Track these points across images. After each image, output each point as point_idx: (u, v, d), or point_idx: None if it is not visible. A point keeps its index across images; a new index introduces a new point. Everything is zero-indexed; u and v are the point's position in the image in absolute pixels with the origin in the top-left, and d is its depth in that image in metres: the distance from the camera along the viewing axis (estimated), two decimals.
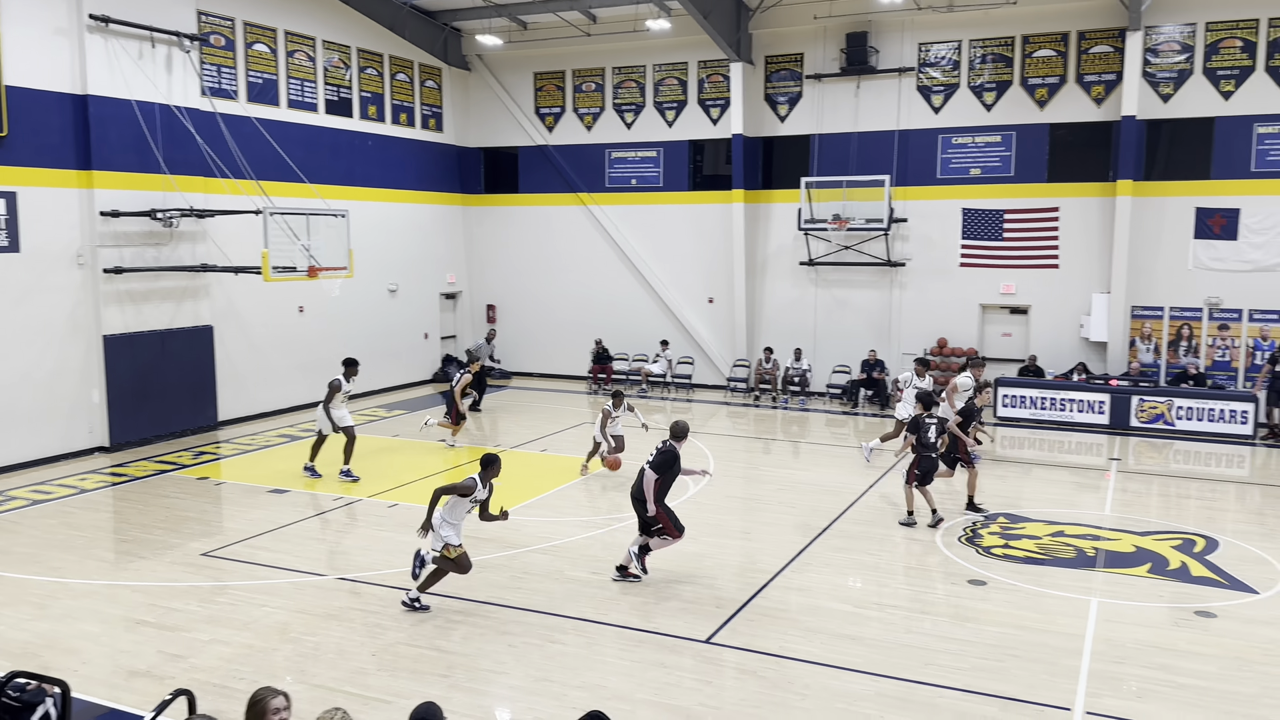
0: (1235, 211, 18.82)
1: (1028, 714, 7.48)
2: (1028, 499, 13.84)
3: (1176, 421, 18.16)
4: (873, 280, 21.95)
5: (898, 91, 21.29)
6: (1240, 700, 7.70)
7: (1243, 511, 13.47)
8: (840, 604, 9.79)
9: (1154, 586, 10.28)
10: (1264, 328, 18.79)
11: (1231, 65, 18.65)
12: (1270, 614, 9.51)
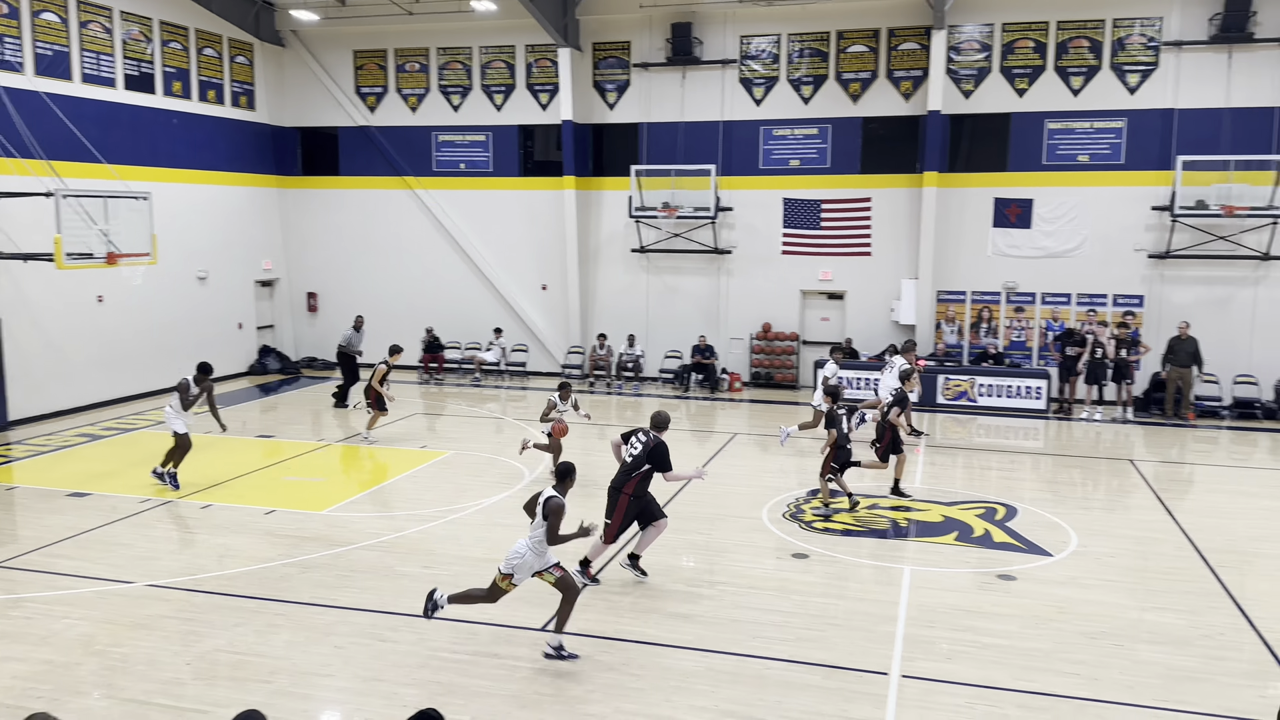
0: (1029, 202, 20.29)
1: (849, 679, 7.86)
2: (846, 475, 14.48)
3: (978, 398, 19.47)
4: (702, 267, 22.43)
5: (721, 83, 21.78)
6: (1037, 656, 8.34)
7: (1038, 481, 14.58)
8: (674, 584, 9.97)
9: (960, 553, 10.99)
10: (1055, 310, 20.38)
11: (1025, 64, 20.07)
12: (1063, 574, 10.35)
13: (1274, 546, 11.31)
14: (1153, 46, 19.33)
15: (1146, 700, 7.53)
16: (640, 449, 9.86)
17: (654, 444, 9.83)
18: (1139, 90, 19.48)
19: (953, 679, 7.91)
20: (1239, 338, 19.24)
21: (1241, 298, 19.35)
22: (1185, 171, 18.70)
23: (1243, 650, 8.49)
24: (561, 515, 8.00)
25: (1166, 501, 13.16)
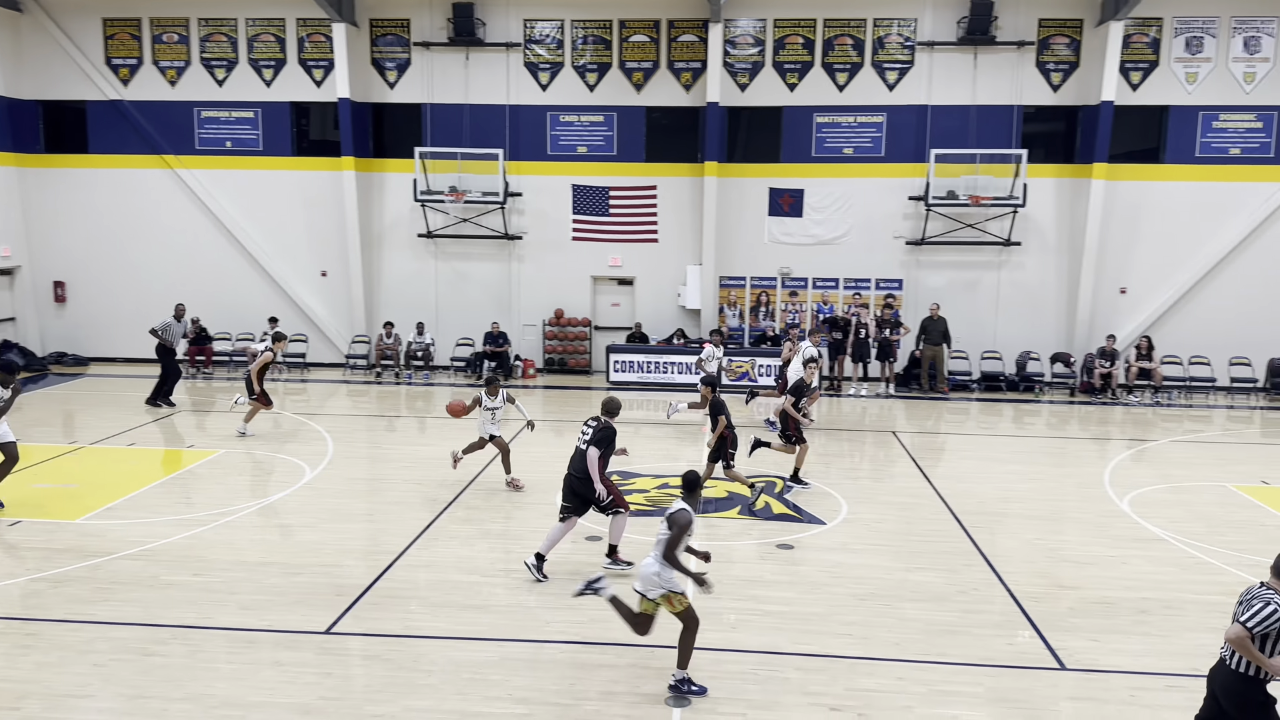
0: (800, 192, 21.36)
1: (639, 655, 8.02)
2: (637, 456, 14.77)
3: (759, 378, 20.35)
4: (492, 253, 22.17)
5: (507, 66, 21.57)
6: (814, 620, 8.83)
7: (814, 454, 15.38)
8: (467, 575, 9.83)
9: (744, 526, 11.47)
10: (825, 294, 21.59)
11: (795, 60, 21.07)
12: (835, 541, 11.00)
13: (1019, 507, 12.49)
14: (909, 46, 20.78)
15: (911, 655, 8.14)
16: (590, 433, 9.88)
17: (603, 426, 9.88)
18: (897, 87, 20.90)
19: (738, 647, 8.24)
20: (985, 317, 21.10)
21: (987, 280, 21.22)
22: (937, 164, 20.27)
23: (993, 604, 9.32)
24: (686, 530, 7.46)
25: (925, 469, 14.26)
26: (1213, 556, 10.62)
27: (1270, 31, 19.91)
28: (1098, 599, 9.40)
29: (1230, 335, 20.49)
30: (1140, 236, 20.64)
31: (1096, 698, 7.48)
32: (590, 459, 9.74)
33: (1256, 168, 20.22)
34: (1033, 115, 20.84)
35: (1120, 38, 19.64)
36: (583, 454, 9.84)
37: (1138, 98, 20.32)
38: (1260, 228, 20.28)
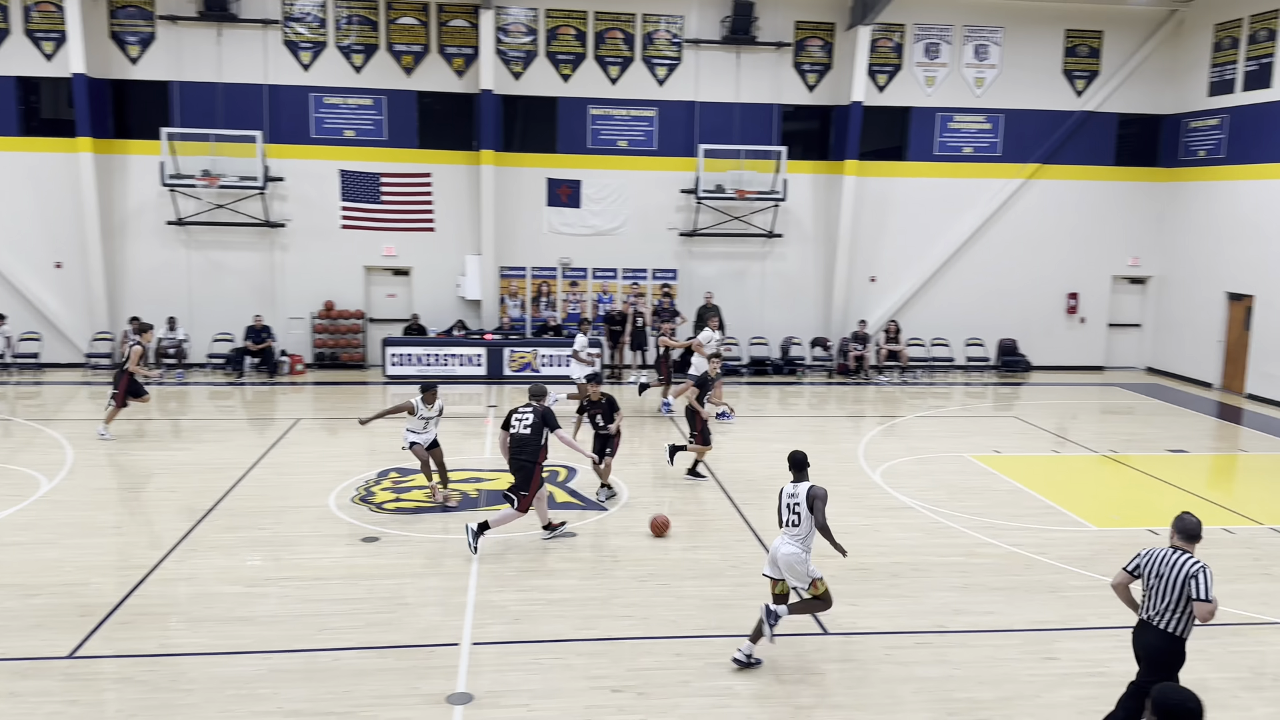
0: (578, 183, 21.53)
1: (420, 657, 7.85)
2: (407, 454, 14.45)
3: (541, 368, 20.39)
4: (252, 241, 20.91)
5: (264, 44, 20.37)
6: (596, 604, 8.95)
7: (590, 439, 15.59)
8: (231, 586, 9.26)
9: (527, 517, 11.42)
10: (604, 284, 21.90)
11: (568, 51, 21.17)
12: (615, 526, 11.21)
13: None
14: (676, 43, 21.38)
15: (688, 630, 8.42)
16: (532, 417, 10.18)
17: (543, 409, 10.27)
18: (667, 82, 21.46)
19: (523, 638, 8.23)
20: (752, 305, 22.10)
21: (753, 270, 22.23)
22: (706, 159, 21.00)
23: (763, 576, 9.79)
24: (827, 500, 7.77)
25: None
26: (954, 521, 11.64)
27: (997, 40, 21.97)
28: (855, 565, 10.06)
29: (966, 318, 22.53)
30: (888, 229, 22.26)
31: (855, 658, 8.03)
32: (562, 436, 10.44)
33: (987, 165, 22.29)
34: (791, 114, 21.99)
35: (868, 42, 21.07)
36: (525, 439, 10.14)
37: (884, 99, 21.88)
38: (990, 221, 22.38)
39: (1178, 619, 6.13)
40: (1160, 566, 6.22)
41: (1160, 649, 6.21)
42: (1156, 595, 6.22)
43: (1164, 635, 6.20)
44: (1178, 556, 6.19)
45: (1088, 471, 14.11)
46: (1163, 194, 22.57)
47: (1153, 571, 6.26)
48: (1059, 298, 22.81)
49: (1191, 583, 6.04)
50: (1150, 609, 6.28)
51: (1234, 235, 20.38)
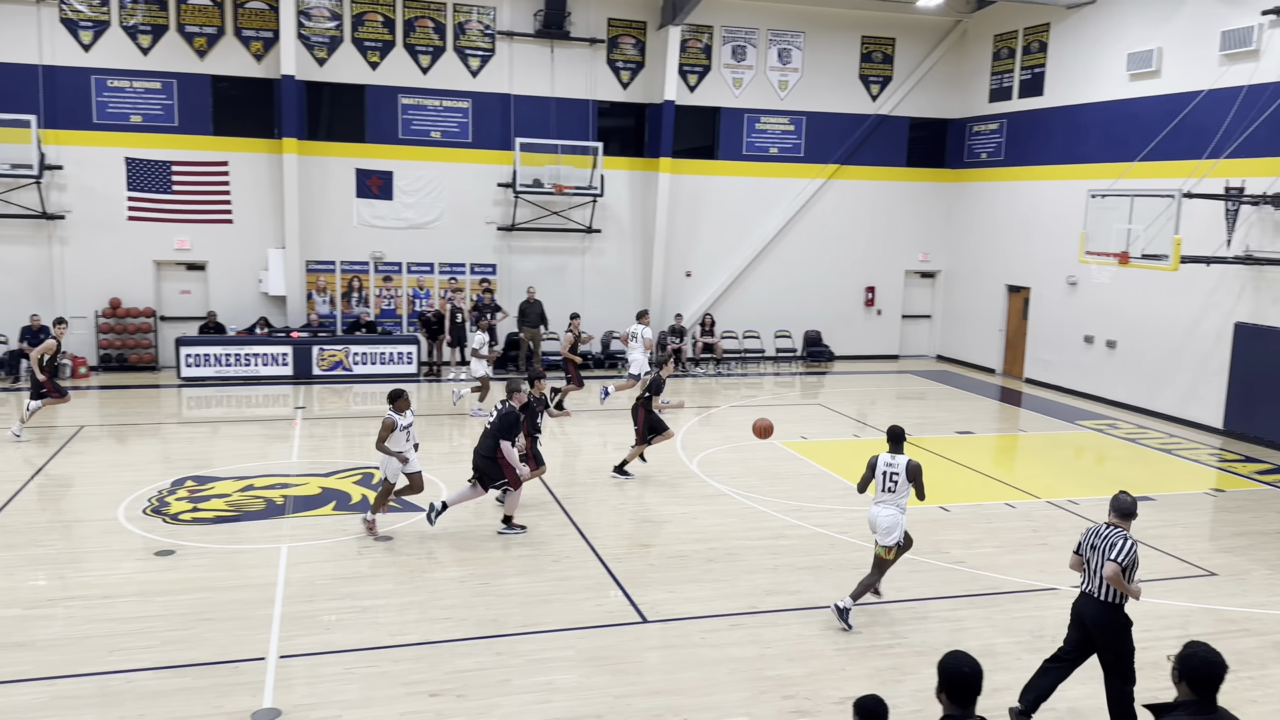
0: (389, 174, 20.92)
1: (223, 674, 7.44)
2: (218, 457, 13.69)
3: (354, 367, 19.72)
4: (27, 234, 19.15)
5: (38, 21, 18.69)
6: (414, 609, 8.75)
7: (423, 439, 15.20)
8: (7, 609, 8.46)
9: (339, 522, 11.05)
10: (420, 279, 21.39)
11: (376, 38, 20.52)
12: (436, 528, 10.92)
13: (605, 477, 13.28)
14: (489, 34, 21.12)
15: (510, 629, 8.36)
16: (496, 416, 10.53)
17: (505, 410, 10.54)
18: (480, 74, 21.17)
19: (336, 648, 7.93)
20: (573, 300, 22.15)
21: (573, 265, 22.30)
22: (523, 153, 20.88)
23: (586, 569, 9.85)
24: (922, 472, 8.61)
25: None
26: (765, 506, 12.09)
27: (799, 45, 22.92)
28: (674, 553, 10.30)
29: (775, 311, 23.44)
30: (701, 225, 22.85)
31: (674, 644, 8.20)
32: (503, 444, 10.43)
33: (791, 165, 23.24)
34: (607, 110, 22.18)
35: (678, 42, 21.52)
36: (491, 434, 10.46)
37: (695, 99, 22.42)
38: (795, 218, 23.36)
39: (1111, 587, 6.58)
40: (1095, 540, 6.70)
41: (1104, 618, 6.64)
42: (1093, 567, 6.68)
43: (1103, 605, 6.64)
44: (1110, 531, 6.67)
45: None
46: (949, 194, 24.23)
47: (1089, 546, 6.73)
48: (858, 291, 24.08)
49: (1103, 545, 6.57)
50: (1089, 582, 6.73)
51: (1012, 232, 22.12)
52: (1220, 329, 16.88)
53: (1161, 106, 17.84)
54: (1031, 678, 6.98)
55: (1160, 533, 11.59)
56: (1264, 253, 15.82)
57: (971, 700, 4.08)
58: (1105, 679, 6.73)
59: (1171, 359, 17.83)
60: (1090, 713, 7.17)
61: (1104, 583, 6.58)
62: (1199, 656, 4.10)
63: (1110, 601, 6.63)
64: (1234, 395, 16.62)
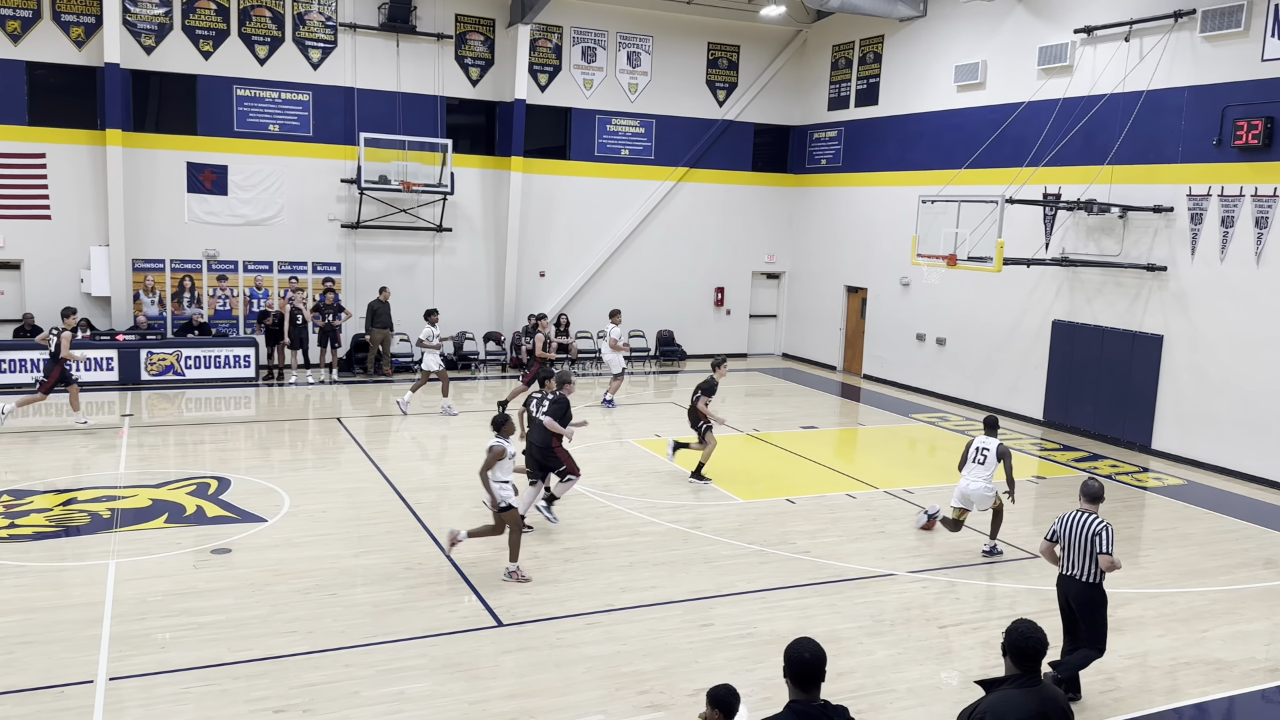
0: (224, 168, 19.96)
1: (46, 699, 6.94)
2: (36, 470, 12.75)
3: (186, 371, 18.72)
4: None
5: None
6: (255, 623, 8.39)
7: (251, 449, 14.61)
8: None
9: (172, 535, 10.48)
10: (258, 278, 20.50)
11: (209, 27, 19.54)
12: (278, 538, 10.56)
13: (460, 479, 13.09)
14: (331, 26, 20.45)
15: (358, 639, 8.13)
16: (547, 405, 10.96)
17: (557, 400, 10.99)
18: (321, 66, 20.48)
19: (171, 667, 7.53)
20: (424, 300, 21.65)
21: (423, 265, 21.87)
22: (368, 148, 20.29)
23: (439, 574, 9.69)
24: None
25: (371, 453, 14.32)
26: (620, 504, 12.20)
27: (648, 49, 23.21)
28: (528, 555, 10.24)
29: (629, 311, 23.58)
30: (554, 225, 22.82)
31: (529, 646, 8.17)
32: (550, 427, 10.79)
33: (642, 167, 23.50)
34: (456, 107, 21.86)
35: (528, 41, 21.43)
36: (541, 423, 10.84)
37: (546, 98, 22.37)
38: (646, 220, 23.64)
39: (1091, 569, 7.28)
40: (1071, 528, 7.37)
41: (1085, 597, 7.36)
42: (1072, 552, 7.37)
43: (1083, 585, 7.35)
44: (1085, 518, 7.34)
45: (735, 449, 15.35)
46: (793, 198, 25.05)
47: (1066, 533, 7.41)
48: (708, 292, 24.60)
49: (1096, 539, 7.22)
50: (1068, 565, 7.41)
51: (851, 235, 23.07)
52: (1039, 326, 18.12)
53: (986, 117, 19.00)
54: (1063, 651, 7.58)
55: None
56: (1078, 255, 17.08)
57: (815, 685, 4.24)
58: (1074, 644, 7.48)
59: (996, 355, 19.00)
60: (1117, 673, 7.60)
61: (1085, 566, 7.29)
62: (1021, 633, 4.40)
63: (1091, 582, 7.34)
64: (1052, 388, 17.88)
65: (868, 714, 7.18)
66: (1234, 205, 14.75)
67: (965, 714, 4.37)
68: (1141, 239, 16.18)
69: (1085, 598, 7.38)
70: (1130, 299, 16.43)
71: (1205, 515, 12.82)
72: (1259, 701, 7.84)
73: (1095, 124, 16.71)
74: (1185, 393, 15.53)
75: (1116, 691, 7.78)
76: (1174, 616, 9.34)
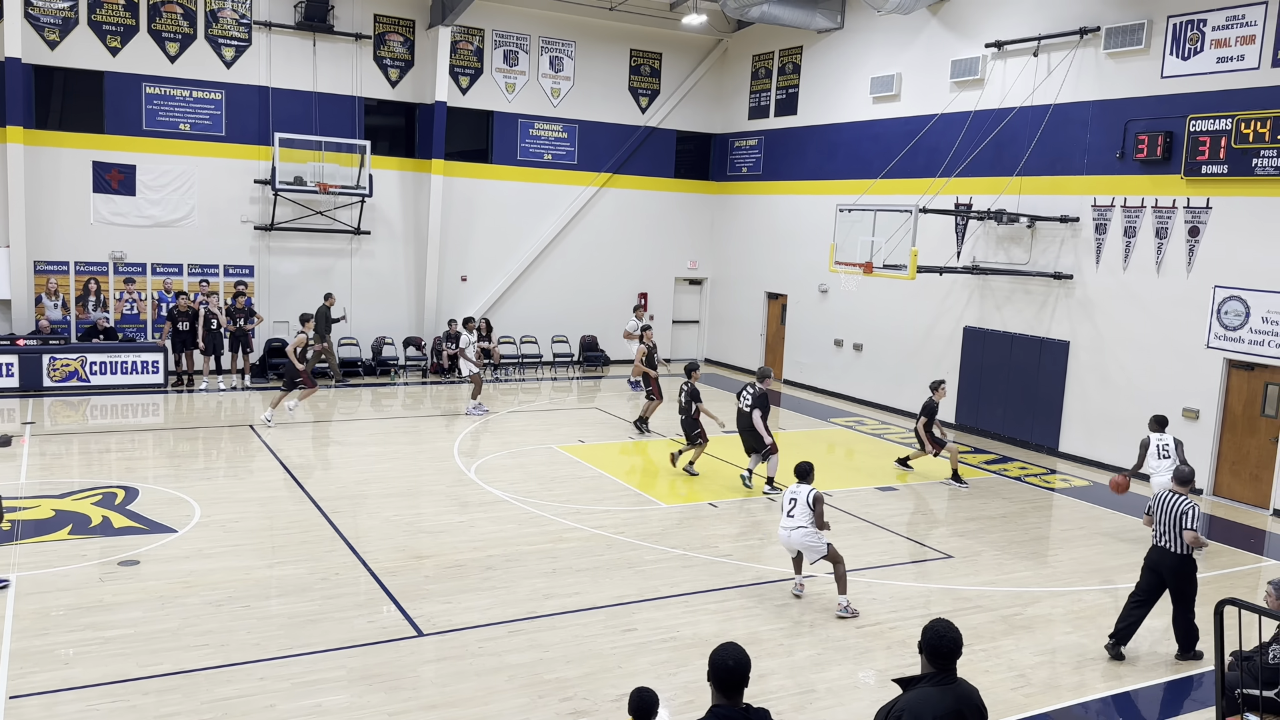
0: (132, 168, 19.31)
1: None
2: None
3: (91, 377, 18.04)
4: None
5: None
6: (164, 637, 8.11)
7: (160, 457, 14.14)
8: None
9: (77, 547, 10.09)
10: (167, 280, 19.86)
11: (117, 22, 18.90)
12: (188, 549, 10.23)
13: (378, 487, 12.88)
14: (245, 24, 19.96)
15: (273, 652, 7.93)
16: (751, 398, 13.43)
17: (759, 393, 13.43)
18: (235, 65, 19.96)
19: (75, 684, 7.24)
20: (341, 304, 21.30)
21: (341, 268, 21.46)
22: (283, 148, 19.83)
23: (357, 584, 9.51)
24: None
25: (285, 460, 13.98)
26: (543, 510, 12.14)
27: (570, 54, 23.19)
28: (451, 563, 10.14)
29: (552, 317, 23.58)
30: (476, 229, 22.63)
31: (450, 656, 8.07)
32: (756, 419, 13.25)
33: (565, 172, 23.47)
34: (375, 108, 21.52)
35: (449, 43, 21.22)
36: (748, 414, 13.38)
37: (467, 101, 22.18)
38: (570, 225, 23.60)
39: (1180, 543, 8.35)
40: (1164, 506, 8.48)
41: (1178, 568, 8.42)
42: (1163, 527, 8.44)
43: (1176, 557, 8.40)
44: (1175, 498, 8.44)
45: (658, 456, 15.41)
46: (715, 205, 25.29)
47: (1159, 510, 8.50)
48: (632, 297, 24.65)
49: (1183, 517, 8.30)
50: (1161, 538, 8.47)
51: (771, 242, 23.39)
52: (952, 333, 18.61)
53: (901, 128, 19.46)
54: (1119, 618, 8.67)
55: (903, 520, 12.63)
56: (988, 264, 17.60)
57: (738, 691, 4.28)
58: (1175, 611, 8.58)
59: (910, 360, 19.46)
60: (1028, 670, 7.74)
61: (1177, 539, 8.34)
62: (937, 632, 4.50)
63: (1182, 554, 8.39)
64: (964, 393, 18.38)
65: (789, 714, 7.28)
66: (1136, 216, 15.38)
67: (883, 712, 4.45)
68: (1049, 248, 16.76)
69: (1178, 569, 8.43)
70: (1038, 306, 16.99)
71: (1109, 515, 13.32)
72: (1162, 694, 8.17)
73: (1005, 136, 17.26)
74: (1090, 396, 16.12)
75: (1027, 688, 8.02)
76: (1081, 614, 9.67)
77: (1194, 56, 14.53)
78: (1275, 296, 13.57)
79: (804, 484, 9.50)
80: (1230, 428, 14.32)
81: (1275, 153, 13.38)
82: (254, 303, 20.07)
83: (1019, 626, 9.27)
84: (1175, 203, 14.81)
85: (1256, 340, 13.83)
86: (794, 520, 9.36)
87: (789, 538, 9.45)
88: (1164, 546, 8.47)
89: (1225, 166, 13.99)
